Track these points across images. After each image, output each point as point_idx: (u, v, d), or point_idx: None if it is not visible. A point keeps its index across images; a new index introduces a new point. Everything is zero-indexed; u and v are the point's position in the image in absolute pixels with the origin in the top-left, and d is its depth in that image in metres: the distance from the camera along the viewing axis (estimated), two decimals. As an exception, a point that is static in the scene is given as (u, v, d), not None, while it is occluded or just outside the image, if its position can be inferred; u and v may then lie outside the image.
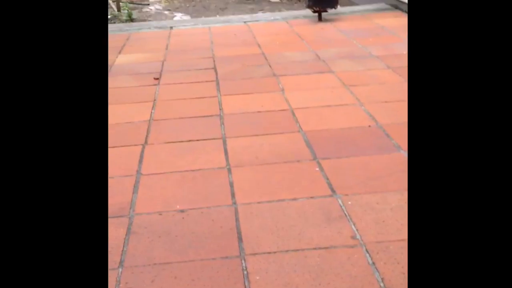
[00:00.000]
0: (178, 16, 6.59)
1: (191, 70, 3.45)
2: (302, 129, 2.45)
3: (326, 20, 4.53)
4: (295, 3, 7.14)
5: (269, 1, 7.25)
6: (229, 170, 2.13)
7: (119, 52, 4.01)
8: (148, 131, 2.54)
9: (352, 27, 4.32)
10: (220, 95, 2.95)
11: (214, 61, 3.61)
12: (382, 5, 5.05)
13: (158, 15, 6.73)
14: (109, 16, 6.37)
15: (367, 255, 1.57)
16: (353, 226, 1.72)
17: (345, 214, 1.79)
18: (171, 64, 3.62)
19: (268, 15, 5.15)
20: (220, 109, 2.75)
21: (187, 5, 7.33)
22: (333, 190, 1.94)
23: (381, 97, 2.76)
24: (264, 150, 2.28)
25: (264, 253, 1.61)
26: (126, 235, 1.74)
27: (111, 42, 4.34)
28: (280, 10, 6.27)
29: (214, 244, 1.67)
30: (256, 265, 1.55)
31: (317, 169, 2.10)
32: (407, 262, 0.90)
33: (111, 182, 2.06)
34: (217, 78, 3.25)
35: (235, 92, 2.99)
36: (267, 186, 2.00)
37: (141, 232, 1.75)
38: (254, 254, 1.61)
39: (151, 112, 2.77)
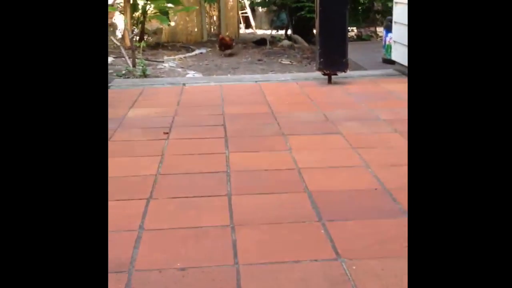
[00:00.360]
0: (191, 73, 6.77)
1: (201, 126, 3.50)
2: (308, 189, 2.44)
3: (336, 83, 4.63)
4: (305, 65, 7.32)
5: (280, 62, 7.45)
6: (233, 229, 2.10)
7: (131, 106, 4.10)
8: (153, 185, 2.55)
9: (361, 91, 4.39)
10: (228, 151, 2.97)
11: (224, 118, 3.67)
12: (390, 71, 5.16)
13: (171, 72, 6.92)
14: (123, 71, 6.56)
15: (371, 324, 1.52)
16: (356, 293, 1.67)
17: (349, 279, 1.74)
18: (181, 119, 3.69)
19: (279, 76, 5.28)
20: (227, 166, 2.76)
21: (200, 64, 7.55)
22: (337, 254, 1.90)
23: (388, 161, 2.77)
24: (269, 209, 2.26)
25: (264, 317, 1.56)
26: (124, 292, 1.70)
27: (124, 96, 4.44)
28: (290, 72, 6.42)
29: (213, 306, 1.62)
30: (255, 330, 1.50)
31: (322, 231, 2.07)
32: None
33: (112, 236, 2.04)
34: (226, 135, 3.29)
35: (243, 149, 3.01)
36: (271, 247, 1.96)
37: (140, 289, 1.71)
38: (254, 318, 1.56)
39: (158, 166, 2.79)
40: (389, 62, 5.42)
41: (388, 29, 5.46)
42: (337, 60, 4.45)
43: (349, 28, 5.39)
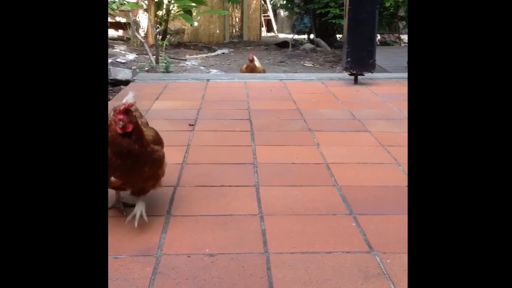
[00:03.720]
0: (213, 72, 6.77)
1: (226, 120, 3.47)
2: (337, 184, 2.39)
3: (361, 84, 4.57)
4: (327, 68, 7.27)
5: (303, 64, 7.41)
6: (262, 218, 2.06)
7: (156, 99, 4.09)
8: (180, 174, 2.52)
9: (387, 91, 4.33)
10: (255, 144, 2.93)
11: (249, 112, 3.63)
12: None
13: (193, 70, 6.92)
14: (146, 68, 6.58)
15: (409, 318, 1.45)
16: (392, 286, 1.61)
17: (383, 272, 1.68)
18: (206, 112, 3.66)
19: (303, 75, 5.23)
20: (254, 158, 2.72)
21: (222, 63, 7.54)
22: (370, 247, 1.84)
23: (420, 159, 2.70)
24: (298, 201, 2.21)
25: (297, 305, 1.51)
26: (152, 275, 1.66)
27: (149, 89, 4.44)
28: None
29: (244, 292, 1.57)
30: (288, 317, 1.45)
31: (354, 224, 2.01)
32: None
33: (140, 221, 2.01)
34: (252, 128, 3.25)
35: (269, 143, 2.96)
36: (301, 237, 1.91)
37: (168, 273, 1.67)
38: (286, 305, 1.50)
39: (184, 156, 2.76)
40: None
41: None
42: (364, 60, 4.39)
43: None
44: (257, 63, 5.60)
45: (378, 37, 9.00)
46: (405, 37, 8.61)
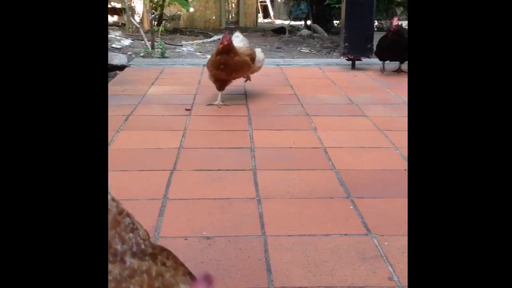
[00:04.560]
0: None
1: (223, 104, 3.44)
2: (335, 167, 2.38)
3: (359, 69, 4.54)
4: (325, 54, 7.23)
5: (299, 51, 7.36)
6: (259, 201, 2.05)
7: (152, 84, 4.05)
8: (177, 158, 2.50)
9: (385, 77, 4.30)
10: (252, 129, 2.91)
11: (246, 97, 3.61)
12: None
13: (189, 56, 6.86)
14: (142, 54, 6.53)
15: (406, 299, 1.46)
16: (390, 267, 1.61)
17: (381, 254, 1.68)
18: (203, 97, 3.63)
19: (301, 60, 5.20)
20: (251, 142, 2.71)
21: (219, 49, 7.48)
22: (368, 229, 1.84)
23: (417, 143, 2.69)
24: (296, 184, 2.21)
25: (294, 287, 1.50)
26: (149, 257, 1.65)
27: (144, 74, 4.40)
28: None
29: (241, 274, 1.57)
30: (286, 299, 1.44)
31: (351, 207, 2.00)
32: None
33: (136, 204, 2.00)
34: (249, 113, 3.23)
35: (267, 127, 2.95)
36: (298, 219, 1.91)
37: (165, 255, 1.66)
38: (284, 287, 1.50)
39: (181, 140, 2.74)
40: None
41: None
42: (362, 45, 4.36)
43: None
44: (239, 43, 3.35)
45: (375, 23, 8.94)
46: (403, 23, 8.54)
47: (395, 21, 3.98)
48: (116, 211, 1.13)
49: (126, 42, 7.61)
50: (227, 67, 3.24)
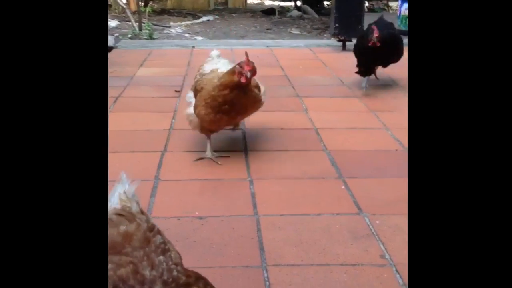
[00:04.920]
0: (198, 39, 6.64)
1: (213, 86, 3.41)
2: (326, 148, 2.38)
3: (350, 50, 4.51)
4: (315, 35, 7.18)
5: (290, 32, 7.31)
6: (251, 182, 2.05)
7: (141, 65, 4.00)
8: (167, 139, 2.48)
9: (375, 58, 4.29)
10: (242, 110, 2.89)
11: (236, 79, 3.58)
12: (405, 41, 5.04)
13: (178, 37, 6.78)
14: (129, 35, 6.43)
15: (398, 275, 1.47)
16: (381, 246, 1.62)
17: (372, 233, 1.69)
18: (192, 79, 3.59)
19: (291, 42, 5.16)
20: (242, 123, 2.69)
21: (208, 30, 7.40)
22: (359, 209, 1.85)
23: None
24: (287, 165, 2.21)
25: (287, 265, 1.51)
26: (141, 237, 1.65)
27: (132, 56, 4.34)
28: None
29: (234, 252, 1.57)
30: (279, 277, 1.45)
31: (343, 187, 2.01)
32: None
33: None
34: (239, 94, 3.20)
35: (257, 108, 2.93)
36: (290, 199, 1.91)
37: (157, 235, 1.66)
38: (277, 265, 1.51)
39: (172, 122, 2.72)
40: (404, 33, 5.28)
41: (404, -1, 5.32)
42: (352, 26, 4.34)
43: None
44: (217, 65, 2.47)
45: (366, 3, 8.90)
46: (393, 4, 8.53)
47: (376, 33, 2.94)
48: (146, 226, 0.95)
49: (113, 23, 7.49)
50: (234, 107, 2.13)
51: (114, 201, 1.01)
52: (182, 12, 9.23)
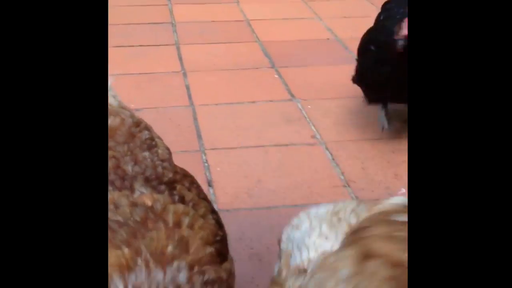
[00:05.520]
0: None
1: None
2: (259, 39, 2.38)
3: None
4: None
5: None
6: (185, 75, 2.04)
7: None
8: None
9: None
10: (171, 3, 2.78)
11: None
12: None
13: None
14: None
15: (327, 152, 1.58)
16: (313, 127, 1.71)
17: (304, 116, 1.78)
18: None
19: None
20: (171, 17, 2.60)
21: None
22: (292, 95, 1.91)
23: (340, 13, 2.72)
24: (220, 57, 2.20)
25: (224, 148, 1.58)
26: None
27: None
28: None
29: (173, 140, 1.59)
30: (217, 159, 1.52)
31: (276, 76, 2.05)
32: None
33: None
34: (167, -13, 3.05)
35: (186, 1, 2.82)
36: (225, 90, 1.94)
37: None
38: (215, 149, 1.57)
39: None
40: None
41: None
42: None
43: None
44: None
45: None
46: None
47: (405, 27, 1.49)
48: (131, 122, 0.90)
49: None
50: None
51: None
52: None
